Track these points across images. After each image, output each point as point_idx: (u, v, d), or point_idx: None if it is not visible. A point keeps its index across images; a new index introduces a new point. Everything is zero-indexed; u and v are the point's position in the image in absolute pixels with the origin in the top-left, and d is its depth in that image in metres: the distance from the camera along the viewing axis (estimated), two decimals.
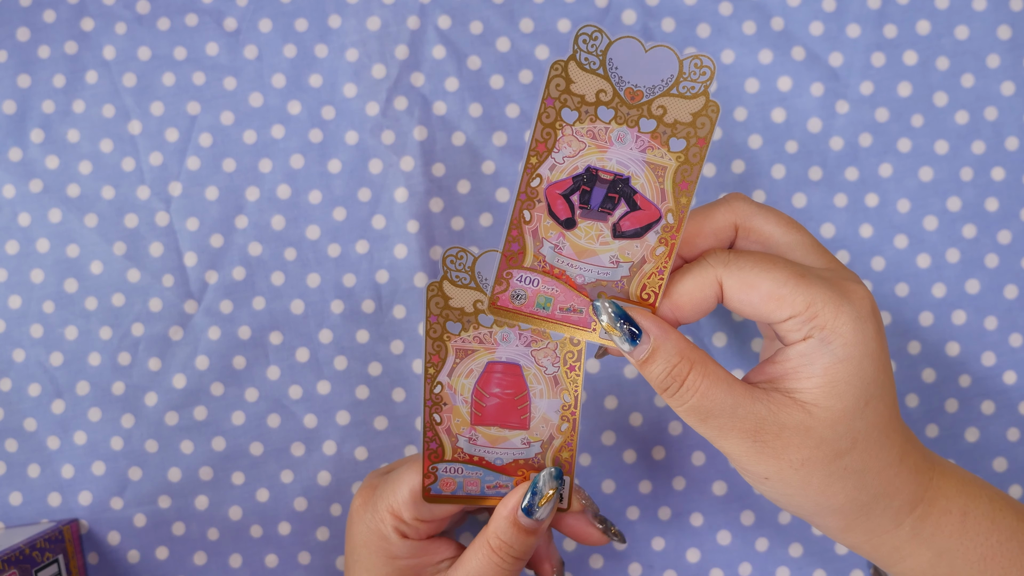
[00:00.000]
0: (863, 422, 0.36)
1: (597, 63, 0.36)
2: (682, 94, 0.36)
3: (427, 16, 0.51)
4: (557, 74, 0.36)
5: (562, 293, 0.38)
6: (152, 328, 0.51)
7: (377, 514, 0.43)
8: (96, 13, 0.51)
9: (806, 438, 0.36)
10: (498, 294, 0.38)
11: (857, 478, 0.37)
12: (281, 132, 0.51)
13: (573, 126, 0.36)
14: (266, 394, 0.51)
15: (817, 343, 0.36)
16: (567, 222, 0.37)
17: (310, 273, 0.51)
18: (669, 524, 0.51)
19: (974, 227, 0.50)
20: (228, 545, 0.51)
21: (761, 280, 0.36)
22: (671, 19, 0.51)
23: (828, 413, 0.36)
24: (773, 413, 0.36)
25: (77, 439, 0.51)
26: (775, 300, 0.36)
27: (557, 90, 0.36)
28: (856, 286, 0.37)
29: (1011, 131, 0.50)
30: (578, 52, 0.35)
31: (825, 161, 0.50)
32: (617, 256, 0.37)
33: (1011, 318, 0.50)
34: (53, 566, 0.48)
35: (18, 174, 0.51)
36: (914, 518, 0.39)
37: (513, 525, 0.41)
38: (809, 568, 0.50)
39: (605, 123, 0.36)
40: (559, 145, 0.36)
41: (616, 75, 0.36)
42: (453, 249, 0.39)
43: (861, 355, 0.36)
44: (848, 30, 0.50)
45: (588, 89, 0.36)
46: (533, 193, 0.37)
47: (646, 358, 0.37)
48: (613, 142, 0.36)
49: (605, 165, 0.37)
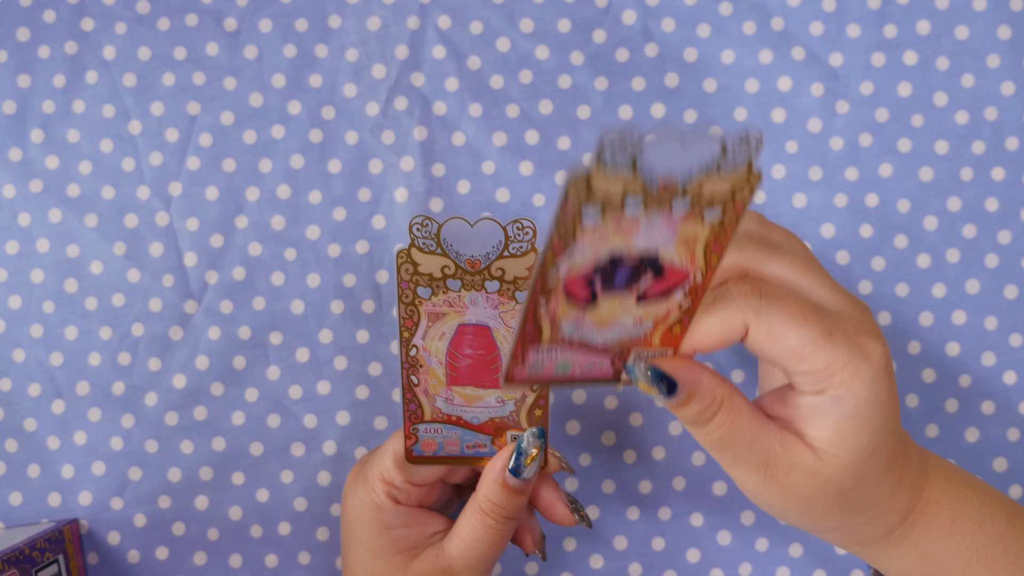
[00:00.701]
0: (870, 465, 0.37)
1: (627, 166, 0.31)
2: (722, 176, 0.32)
3: (427, 16, 0.51)
4: (582, 185, 0.31)
5: (581, 356, 0.37)
6: (152, 328, 0.51)
7: (368, 484, 0.44)
8: (96, 13, 0.51)
9: (814, 479, 0.37)
10: (513, 369, 0.36)
11: (856, 508, 0.39)
12: (281, 132, 0.51)
13: (594, 225, 0.33)
14: (266, 394, 0.51)
15: (830, 400, 0.36)
16: (588, 302, 0.35)
17: (310, 273, 0.51)
18: (669, 524, 0.51)
19: (974, 227, 0.50)
20: (228, 545, 0.51)
21: (788, 335, 0.35)
22: (671, 19, 0.51)
23: (837, 460, 0.37)
24: (786, 451, 0.37)
25: (77, 439, 0.51)
26: (796, 355, 0.36)
27: (579, 193, 0.32)
28: (875, 344, 0.37)
29: (1011, 131, 0.50)
30: (603, 159, 0.31)
31: (825, 161, 0.50)
32: (641, 316, 0.36)
33: (1011, 318, 0.50)
34: (53, 566, 0.48)
35: (18, 174, 0.51)
36: (904, 527, 0.40)
37: (503, 487, 0.42)
38: (809, 568, 0.50)
39: (634, 215, 0.33)
40: (580, 244, 0.33)
41: (645, 172, 0.32)
42: (419, 217, 0.40)
43: (872, 412, 0.36)
44: (848, 30, 0.50)
45: (613, 186, 0.32)
46: (553, 283, 0.35)
47: (681, 402, 0.37)
48: (642, 228, 0.34)
49: (629, 252, 0.34)
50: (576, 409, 0.51)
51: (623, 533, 0.51)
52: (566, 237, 0.33)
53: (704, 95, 0.51)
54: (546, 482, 0.45)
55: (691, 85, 0.51)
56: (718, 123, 0.51)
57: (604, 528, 0.51)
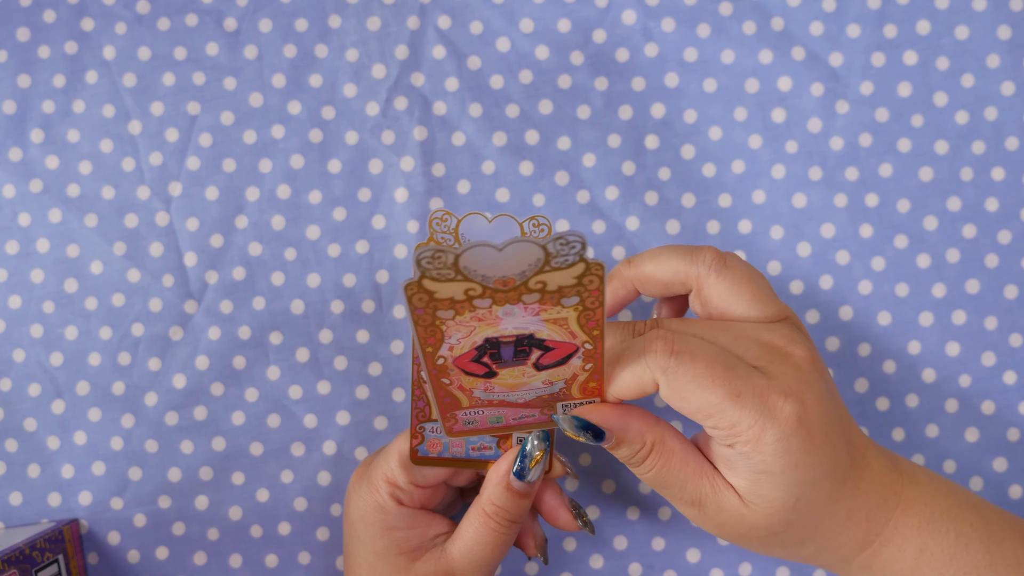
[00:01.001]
0: (795, 514, 0.38)
1: (452, 273, 0.32)
2: (557, 268, 0.32)
3: (427, 16, 0.51)
4: (414, 292, 0.32)
5: (509, 411, 0.39)
6: (152, 328, 0.51)
7: (372, 484, 0.44)
8: (96, 13, 0.51)
9: (741, 521, 0.39)
10: (451, 427, 0.39)
11: (795, 546, 0.40)
12: (281, 132, 0.51)
13: (454, 320, 0.34)
14: (266, 394, 0.51)
15: (739, 455, 0.38)
16: (487, 375, 0.37)
17: (310, 273, 0.51)
18: (669, 524, 0.51)
19: (974, 227, 0.50)
20: (228, 545, 0.51)
21: (695, 396, 0.37)
22: (671, 19, 0.51)
23: (759, 509, 0.38)
24: (715, 493, 0.39)
25: (77, 439, 0.51)
26: (703, 414, 0.37)
27: (422, 303, 0.33)
28: (784, 402, 0.37)
29: (1011, 131, 0.50)
30: (427, 270, 0.31)
31: (825, 161, 0.50)
32: (548, 379, 0.38)
33: (1011, 318, 0.50)
34: (53, 566, 0.48)
35: (18, 174, 0.51)
36: (864, 557, 0.40)
37: (506, 490, 0.42)
38: (809, 568, 0.50)
39: (485, 307, 0.34)
40: (448, 333, 0.34)
41: (478, 275, 0.32)
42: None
43: (782, 467, 0.37)
44: (848, 30, 0.50)
45: (455, 292, 0.32)
46: (442, 369, 0.36)
47: (612, 446, 0.39)
48: (502, 317, 0.34)
49: (503, 334, 0.35)
50: None
51: (623, 533, 0.51)
52: (433, 332, 0.34)
53: (704, 95, 0.51)
54: (550, 486, 0.45)
55: (691, 85, 0.51)
56: (718, 123, 0.51)
57: (604, 528, 0.51)
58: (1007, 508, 0.50)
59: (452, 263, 0.31)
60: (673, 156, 0.51)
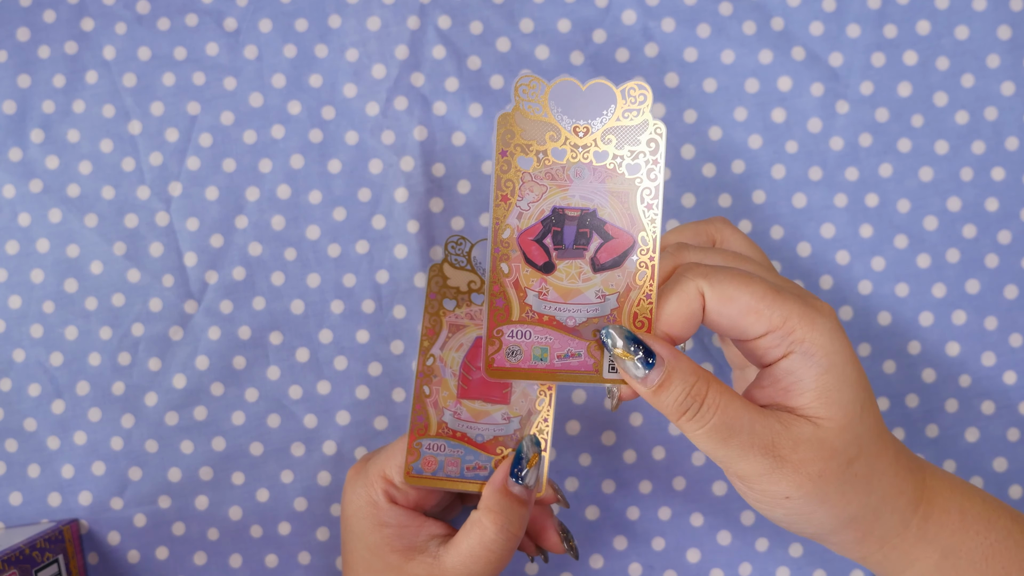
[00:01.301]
0: (863, 427, 0.37)
1: (540, 107, 0.37)
2: (627, 121, 0.37)
3: (427, 16, 0.51)
4: (504, 127, 0.37)
5: (556, 340, 0.38)
6: (152, 328, 0.51)
7: (368, 480, 0.44)
8: (96, 13, 0.51)
9: (820, 450, 0.37)
10: (492, 355, 0.38)
11: (865, 483, 0.38)
12: (281, 132, 0.51)
13: (531, 172, 0.38)
14: (266, 394, 0.51)
15: (800, 357, 0.37)
16: (545, 266, 0.38)
17: (310, 273, 0.51)
18: (669, 524, 0.51)
19: (974, 227, 0.50)
20: (228, 545, 0.51)
21: (740, 293, 0.37)
22: (671, 19, 0.51)
23: (833, 423, 0.37)
24: (786, 427, 0.37)
25: (77, 439, 0.51)
26: (753, 314, 0.36)
27: (507, 141, 0.38)
28: (821, 303, 0.38)
29: (1011, 131, 0.50)
30: (519, 102, 0.37)
31: (825, 161, 0.50)
32: (602, 290, 0.38)
33: (1011, 318, 0.50)
34: (53, 566, 0.48)
35: (18, 174, 0.51)
36: (919, 518, 0.39)
37: (505, 495, 0.42)
38: (809, 568, 0.50)
39: (560, 163, 0.38)
40: (521, 192, 0.38)
41: (559, 115, 0.37)
42: (454, 236, 0.43)
43: (843, 362, 0.37)
44: (848, 30, 0.50)
45: (539, 134, 0.37)
46: (506, 244, 0.38)
47: (661, 382, 0.37)
48: (572, 179, 0.38)
49: (570, 203, 0.38)
50: (576, 409, 0.51)
51: (623, 533, 0.51)
52: (508, 184, 0.38)
53: (704, 95, 0.51)
54: (540, 509, 0.45)
55: (691, 85, 0.51)
56: (718, 123, 0.51)
57: (604, 528, 0.51)
58: None
59: (541, 109, 0.37)
60: (673, 156, 0.51)
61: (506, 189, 0.38)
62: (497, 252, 0.38)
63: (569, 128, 0.37)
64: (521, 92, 0.37)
